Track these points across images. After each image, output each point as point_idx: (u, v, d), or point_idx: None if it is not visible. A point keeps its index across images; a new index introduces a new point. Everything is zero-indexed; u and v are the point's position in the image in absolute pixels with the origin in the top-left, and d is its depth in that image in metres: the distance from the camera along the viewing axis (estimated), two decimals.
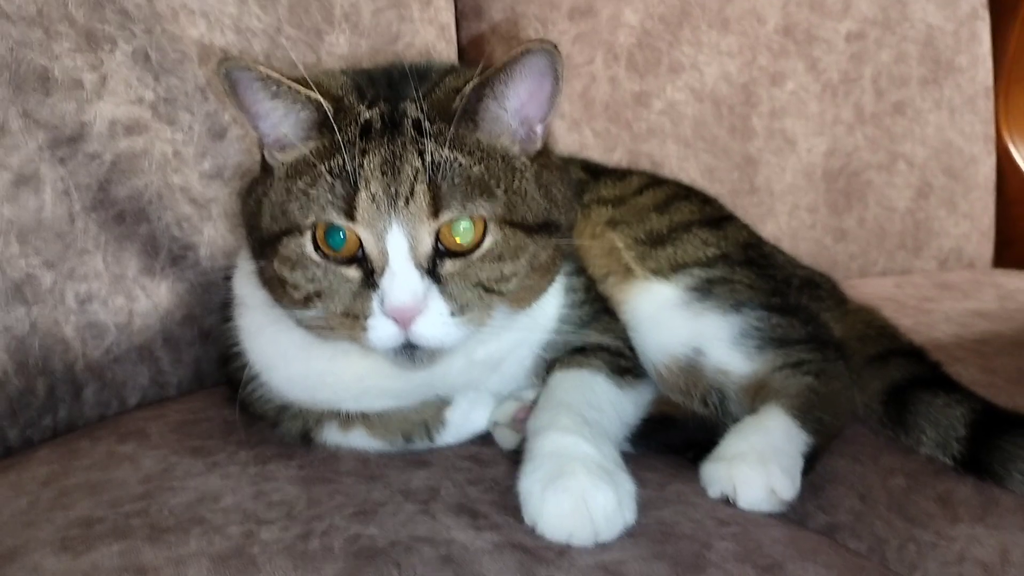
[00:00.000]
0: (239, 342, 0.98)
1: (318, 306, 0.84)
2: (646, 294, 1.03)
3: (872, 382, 1.03)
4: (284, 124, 0.85)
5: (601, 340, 0.99)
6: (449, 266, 0.83)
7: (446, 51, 1.45)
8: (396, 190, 0.80)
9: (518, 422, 0.96)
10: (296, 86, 0.83)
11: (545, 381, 0.96)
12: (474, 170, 0.82)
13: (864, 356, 1.07)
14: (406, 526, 0.80)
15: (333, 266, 0.83)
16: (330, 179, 0.81)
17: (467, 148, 0.83)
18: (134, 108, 1.11)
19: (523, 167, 0.87)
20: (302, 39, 1.28)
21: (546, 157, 0.91)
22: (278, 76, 0.82)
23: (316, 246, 0.83)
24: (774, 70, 1.66)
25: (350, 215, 0.81)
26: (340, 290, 0.83)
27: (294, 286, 0.84)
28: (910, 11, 1.76)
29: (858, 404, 1.03)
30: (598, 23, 1.53)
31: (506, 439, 0.97)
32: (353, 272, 0.83)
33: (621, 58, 1.55)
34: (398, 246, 0.81)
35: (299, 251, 0.83)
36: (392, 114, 0.84)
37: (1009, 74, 1.86)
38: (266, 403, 0.98)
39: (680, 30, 1.58)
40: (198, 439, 0.97)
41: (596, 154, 1.51)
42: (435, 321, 0.82)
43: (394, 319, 0.82)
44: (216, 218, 1.19)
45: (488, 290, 0.85)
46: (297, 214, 0.83)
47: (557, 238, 0.89)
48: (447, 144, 0.82)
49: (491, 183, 0.83)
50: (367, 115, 0.84)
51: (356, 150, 0.81)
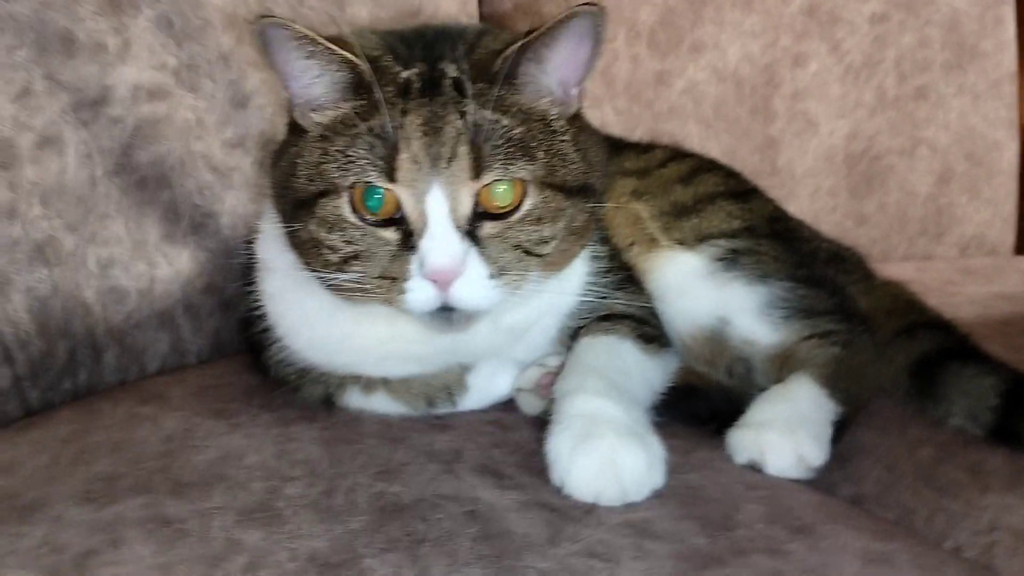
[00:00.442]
0: (261, 306, 0.97)
1: (355, 269, 0.83)
2: (671, 263, 1.02)
3: (899, 354, 1.02)
4: (318, 84, 0.83)
5: (627, 308, 0.97)
6: (488, 228, 0.82)
7: None
8: (438, 151, 0.79)
9: (542, 388, 0.95)
10: (332, 46, 0.81)
11: (570, 348, 0.95)
12: (515, 132, 0.82)
13: (891, 329, 1.05)
14: (430, 484, 0.79)
15: (371, 228, 0.82)
16: (370, 139, 0.80)
17: (508, 110, 0.82)
18: (157, 74, 1.11)
19: (562, 129, 0.86)
20: (324, 9, 1.28)
21: (581, 120, 0.90)
22: (314, 35, 0.81)
23: (353, 208, 0.82)
24: (797, 51, 1.65)
25: (391, 176, 0.80)
26: (378, 252, 0.82)
27: (331, 248, 0.83)
28: None
29: (885, 376, 1.01)
30: (621, 0, 1.52)
31: (530, 405, 0.96)
32: (391, 234, 0.82)
33: (643, 36, 1.54)
34: (438, 208, 0.80)
35: (336, 213, 0.82)
36: (431, 74, 0.83)
37: None
38: (288, 367, 0.97)
39: (703, 9, 1.57)
40: (220, 402, 0.97)
41: (617, 133, 1.49)
42: (474, 284, 0.81)
43: (433, 282, 0.81)
44: (238, 187, 1.18)
45: (527, 252, 0.84)
46: (335, 175, 0.82)
47: (593, 202, 0.88)
48: (489, 105, 0.81)
49: (532, 145, 0.82)
50: (405, 75, 0.83)
51: (396, 110, 0.80)
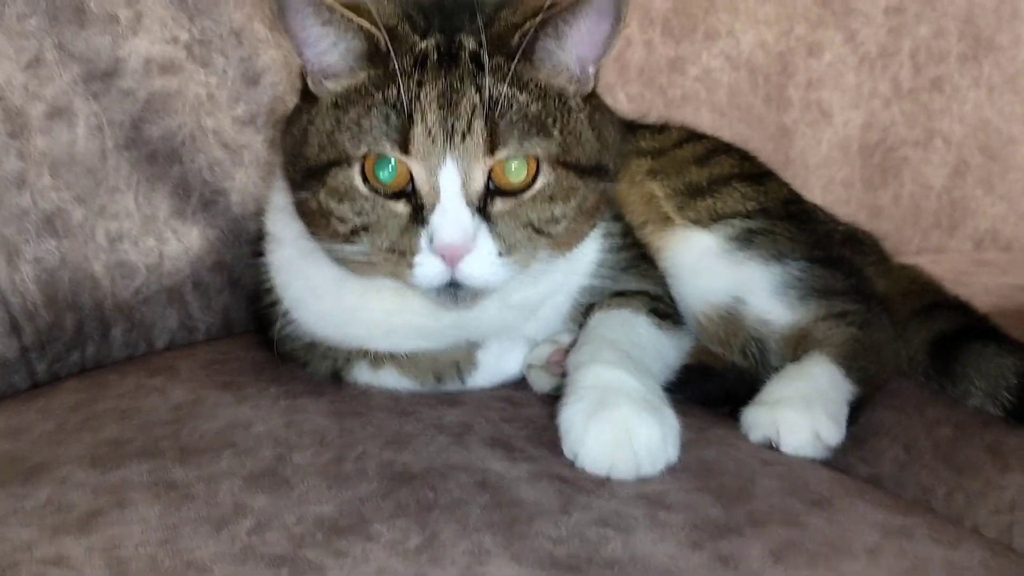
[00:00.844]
0: (269, 278, 0.96)
1: (363, 241, 0.82)
2: (686, 242, 1.01)
3: (918, 334, 1.00)
4: (333, 52, 0.82)
5: (640, 285, 0.96)
6: (500, 205, 0.81)
7: None
8: (453, 124, 0.78)
9: (553, 364, 0.93)
10: (350, 14, 0.80)
11: (584, 323, 0.93)
12: (532, 108, 0.80)
13: (909, 310, 1.04)
14: (440, 455, 0.78)
15: (382, 199, 0.81)
16: (384, 110, 0.79)
17: (525, 85, 0.81)
18: (168, 48, 1.10)
19: (578, 107, 0.84)
20: None
21: (597, 99, 0.89)
22: (331, 3, 0.80)
23: (364, 178, 0.81)
24: (811, 40, 1.63)
25: (404, 148, 0.79)
26: (388, 225, 0.81)
27: (340, 219, 0.82)
28: None
29: (902, 357, 1.00)
30: None
31: (541, 382, 0.94)
32: (402, 207, 0.81)
33: (657, 23, 1.53)
34: (450, 182, 0.79)
35: (348, 183, 0.81)
36: (449, 46, 0.82)
37: None
38: (295, 341, 0.96)
39: None
40: (228, 376, 0.96)
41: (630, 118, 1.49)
42: (483, 260, 0.80)
43: (442, 257, 0.80)
44: (248, 164, 1.17)
45: (537, 231, 0.82)
46: (348, 144, 0.81)
47: (606, 182, 0.87)
48: (506, 80, 0.79)
49: (548, 122, 0.81)
50: (423, 45, 0.82)
51: (412, 81, 0.79)
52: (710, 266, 1.00)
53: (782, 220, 1.04)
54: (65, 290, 1.01)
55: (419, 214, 0.80)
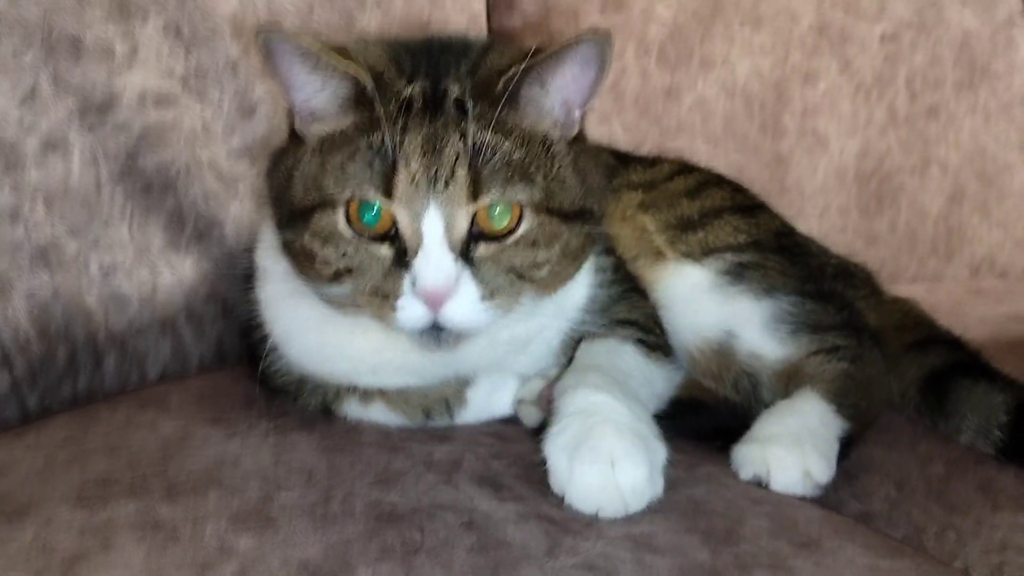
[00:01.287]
0: (259, 313, 0.97)
1: (347, 283, 0.82)
2: (677, 276, 1.02)
3: (909, 369, 1.00)
4: (320, 96, 0.83)
5: (629, 316, 0.96)
6: (483, 250, 0.81)
7: None
8: (436, 171, 0.79)
9: (544, 400, 0.93)
10: (335, 60, 0.81)
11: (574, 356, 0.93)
12: (515, 155, 0.81)
13: (901, 344, 1.04)
14: (428, 494, 0.78)
15: (365, 243, 0.81)
16: (368, 155, 0.80)
17: (509, 132, 0.81)
18: (164, 80, 1.11)
19: (562, 153, 0.85)
20: (334, 21, 1.27)
21: (582, 143, 0.89)
22: (318, 49, 0.80)
23: (348, 222, 0.81)
24: (807, 69, 1.64)
25: (388, 193, 0.79)
26: (371, 268, 0.81)
27: (324, 261, 0.83)
28: (946, 14, 1.74)
29: (894, 392, 1.00)
30: (630, 16, 1.52)
31: (531, 417, 0.94)
32: (385, 250, 0.81)
33: (652, 52, 1.54)
34: (433, 227, 0.79)
35: (332, 226, 0.82)
36: (434, 91, 0.82)
37: None
38: (285, 375, 0.96)
39: (712, 25, 1.57)
40: (218, 410, 0.96)
41: (624, 148, 1.49)
42: (465, 305, 0.81)
43: (424, 300, 0.80)
44: (243, 196, 1.18)
45: (520, 276, 0.83)
46: (332, 188, 0.81)
47: (590, 226, 0.87)
48: (490, 127, 0.80)
49: (531, 168, 0.81)
50: (407, 91, 0.82)
51: (397, 127, 0.79)
52: (702, 300, 1.00)
53: (774, 253, 1.05)
54: (58, 322, 1.01)
55: (402, 258, 0.80)
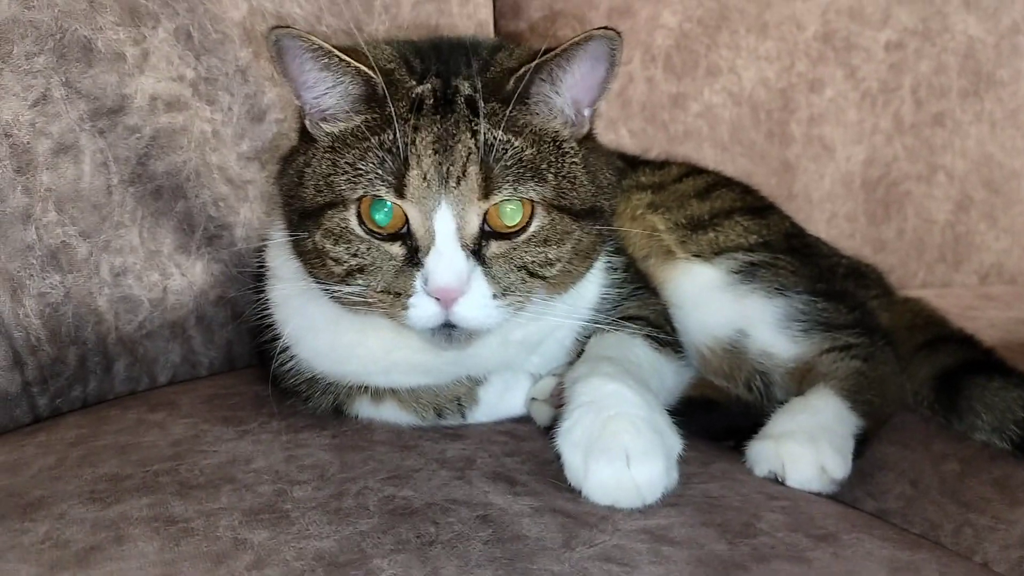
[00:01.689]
0: (270, 314, 0.96)
1: (359, 282, 0.82)
2: (688, 275, 1.01)
3: (922, 368, 1.00)
4: (331, 96, 0.83)
5: (640, 313, 0.96)
6: (495, 248, 0.81)
7: None
8: (448, 169, 0.79)
9: (556, 398, 0.93)
10: (347, 59, 0.81)
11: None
12: (526, 152, 0.81)
13: (913, 344, 1.03)
14: (442, 489, 0.77)
15: (377, 242, 0.81)
16: (380, 154, 0.80)
17: (520, 130, 0.82)
18: (174, 85, 1.11)
19: (572, 151, 0.85)
20: (342, 29, 1.28)
21: (592, 141, 0.89)
22: (329, 48, 0.81)
23: (360, 221, 0.81)
24: (812, 76, 1.65)
25: (400, 192, 0.79)
26: (383, 266, 0.81)
27: (335, 260, 0.83)
28: (950, 22, 1.74)
29: (907, 391, 0.99)
30: (636, 23, 1.52)
31: (543, 415, 0.94)
32: (397, 249, 0.81)
33: (659, 59, 1.55)
34: (445, 225, 0.79)
35: (343, 225, 0.82)
36: (444, 90, 0.83)
37: None
38: (296, 376, 0.96)
39: (718, 33, 1.57)
40: (229, 410, 0.96)
41: (632, 154, 1.50)
42: (477, 303, 0.80)
43: (436, 299, 0.80)
44: (253, 200, 1.18)
45: (532, 274, 0.83)
46: (344, 187, 0.81)
47: (601, 224, 0.87)
48: (501, 125, 0.80)
49: (542, 166, 0.82)
50: (419, 90, 0.82)
51: (408, 126, 0.80)
52: (713, 299, 1.00)
53: (784, 253, 1.04)
54: (69, 325, 1.01)
55: (414, 256, 0.80)
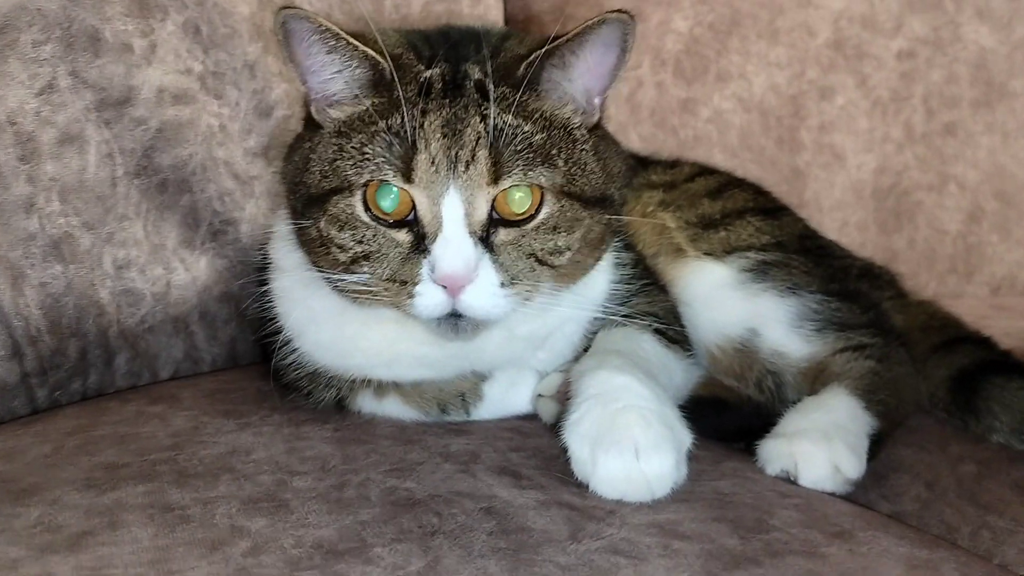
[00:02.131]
0: (272, 306, 0.95)
1: (364, 270, 0.81)
2: (699, 273, 1.00)
3: (938, 369, 0.98)
4: (338, 80, 0.82)
5: (649, 308, 0.94)
6: (503, 235, 0.80)
7: None
8: (456, 153, 0.77)
9: (563, 395, 0.91)
10: (355, 42, 0.80)
11: None
12: (536, 138, 0.80)
13: (928, 345, 1.02)
14: (445, 482, 0.76)
15: (383, 228, 0.80)
16: (387, 138, 0.78)
17: (530, 115, 0.80)
18: (182, 78, 1.11)
19: (583, 138, 0.84)
20: (351, 25, 1.28)
21: (603, 129, 0.88)
22: (337, 30, 0.80)
23: (366, 207, 0.80)
24: (823, 84, 1.63)
25: (407, 176, 0.78)
26: (389, 254, 0.80)
27: (340, 247, 0.81)
28: (962, 32, 1.73)
29: (923, 392, 0.97)
30: (647, 28, 1.52)
31: (550, 412, 0.92)
32: (403, 236, 0.80)
33: (669, 64, 1.54)
34: (453, 211, 0.78)
35: (349, 211, 0.80)
36: (454, 75, 0.82)
37: None
38: (299, 370, 0.94)
39: (729, 39, 1.57)
40: (231, 404, 0.94)
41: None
42: (484, 291, 0.79)
43: (443, 287, 0.78)
44: (259, 196, 1.17)
45: (540, 262, 0.81)
46: (350, 172, 0.80)
47: (611, 214, 0.85)
48: (511, 109, 0.79)
49: (552, 152, 0.80)
50: (427, 74, 0.81)
51: (416, 110, 0.78)
52: (724, 298, 0.98)
53: (797, 254, 1.03)
54: (69, 316, 1.00)
55: (421, 243, 0.79)
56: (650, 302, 0.95)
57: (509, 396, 0.93)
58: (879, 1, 1.66)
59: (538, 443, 0.86)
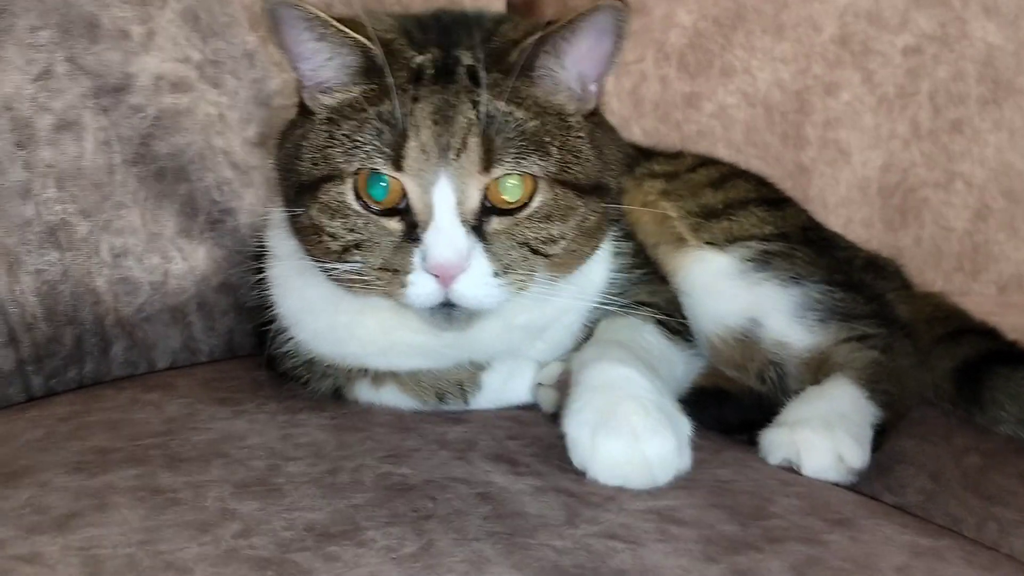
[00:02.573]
0: (268, 294, 0.94)
1: (356, 259, 0.80)
2: (700, 263, 0.99)
3: (943, 360, 0.97)
4: (329, 67, 0.81)
5: (650, 298, 0.93)
6: (496, 224, 0.78)
7: None
8: (448, 141, 0.76)
9: (563, 384, 0.90)
10: (345, 29, 0.79)
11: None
12: (529, 125, 0.78)
13: (933, 336, 1.00)
14: (440, 468, 0.74)
15: (374, 217, 0.79)
16: (378, 125, 0.77)
17: (523, 102, 0.79)
18: (180, 66, 1.10)
19: (577, 125, 0.82)
20: (345, 13, 1.27)
21: (598, 116, 0.87)
22: (326, 18, 0.79)
23: (357, 195, 0.79)
24: (829, 80, 1.62)
25: (397, 164, 0.77)
26: (380, 242, 0.79)
27: (332, 236, 0.80)
28: (969, 29, 1.72)
29: (927, 383, 0.96)
30: (650, 21, 1.51)
31: (549, 401, 0.90)
32: (395, 224, 0.79)
33: (672, 58, 1.53)
34: (445, 200, 0.77)
35: (340, 199, 0.79)
36: (445, 61, 0.80)
37: None
38: (294, 358, 0.93)
39: (733, 33, 1.56)
40: (226, 392, 0.93)
41: None
42: (477, 281, 0.78)
43: (435, 276, 0.77)
44: (257, 185, 1.16)
45: (534, 251, 0.80)
46: (340, 160, 0.79)
47: (607, 202, 0.84)
48: (503, 96, 0.78)
49: (546, 140, 0.79)
50: (419, 60, 0.80)
51: (407, 96, 0.77)
52: (726, 287, 0.97)
53: (801, 244, 1.02)
54: (66, 304, 0.99)
55: (412, 232, 0.78)
56: (651, 292, 0.94)
57: (508, 386, 0.92)
58: None
59: (537, 432, 0.84)
